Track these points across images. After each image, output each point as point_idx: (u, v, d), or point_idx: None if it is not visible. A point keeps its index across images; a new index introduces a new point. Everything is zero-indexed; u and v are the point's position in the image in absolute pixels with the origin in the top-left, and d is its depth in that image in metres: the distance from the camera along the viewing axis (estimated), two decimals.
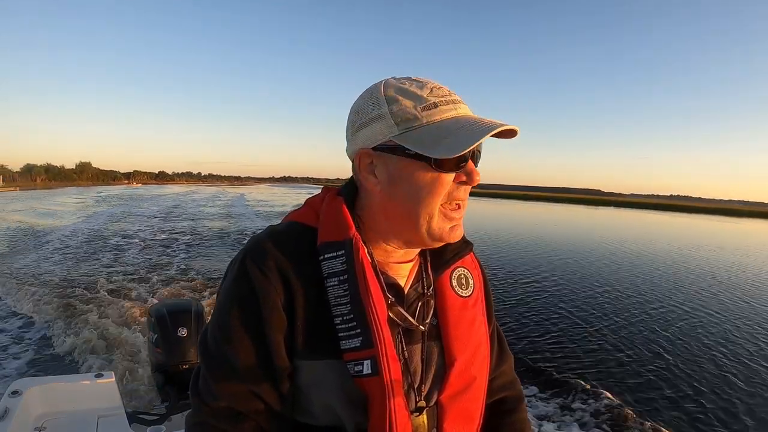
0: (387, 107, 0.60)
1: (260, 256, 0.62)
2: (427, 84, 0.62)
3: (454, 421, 0.67)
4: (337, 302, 0.61)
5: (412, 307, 0.68)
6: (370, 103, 0.63)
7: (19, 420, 1.65)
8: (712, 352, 5.31)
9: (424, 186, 0.60)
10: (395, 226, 0.65)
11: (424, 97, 0.60)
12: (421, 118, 0.59)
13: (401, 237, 0.66)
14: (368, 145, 0.63)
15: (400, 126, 0.60)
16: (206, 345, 0.64)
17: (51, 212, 19.84)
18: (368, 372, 0.59)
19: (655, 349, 5.29)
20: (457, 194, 0.62)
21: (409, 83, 0.62)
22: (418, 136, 0.59)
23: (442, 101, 0.60)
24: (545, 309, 6.63)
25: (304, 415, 0.64)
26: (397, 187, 0.62)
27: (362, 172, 0.64)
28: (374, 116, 0.61)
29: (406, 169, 0.61)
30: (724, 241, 20.39)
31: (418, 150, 0.58)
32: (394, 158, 0.61)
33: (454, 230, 0.64)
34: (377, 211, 0.65)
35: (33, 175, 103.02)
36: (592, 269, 10.07)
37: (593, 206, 60.66)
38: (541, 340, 5.38)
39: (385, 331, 0.60)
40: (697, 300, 7.82)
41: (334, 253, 0.62)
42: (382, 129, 0.61)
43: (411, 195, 0.61)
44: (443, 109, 0.60)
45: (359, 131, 0.64)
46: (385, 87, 0.62)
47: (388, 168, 0.62)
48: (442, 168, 0.59)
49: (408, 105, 0.60)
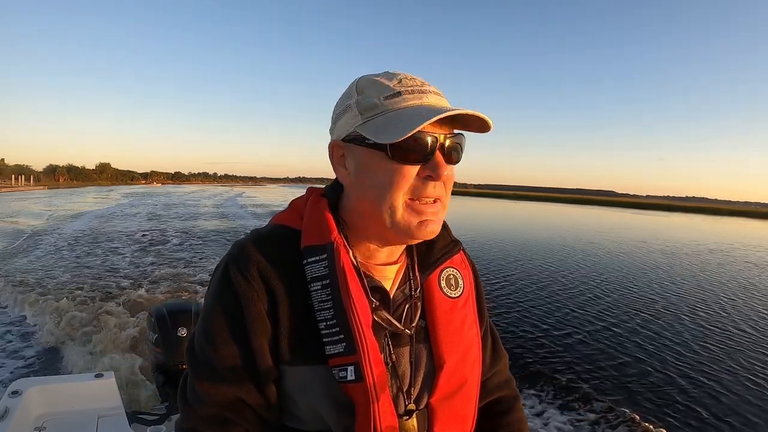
0: (355, 98, 0.61)
1: (243, 262, 0.62)
2: (398, 75, 0.61)
3: (446, 423, 0.67)
4: (320, 307, 0.61)
5: (399, 309, 0.67)
6: (344, 96, 0.64)
7: (19, 420, 1.65)
8: (711, 349, 5.29)
9: (382, 177, 0.59)
10: (366, 221, 0.64)
11: (390, 86, 0.60)
12: (381, 106, 0.59)
13: (375, 233, 0.65)
14: (339, 136, 0.63)
15: (363, 115, 0.60)
16: (193, 351, 0.65)
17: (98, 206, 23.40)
18: (352, 378, 0.59)
19: (656, 348, 5.25)
20: (424, 190, 0.60)
21: (382, 76, 0.62)
22: (374, 125, 0.59)
23: (407, 90, 0.59)
24: (546, 309, 6.60)
25: (292, 420, 0.65)
26: (362, 179, 0.62)
27: (334, 165, 0.65)
28: (344, 108, 0.62)
29: (367, 159, 0.60)
30: (727, 240, 19.95)
31: (370, 137, 0.58)
32: (358, 149, 0.61)
33: (424, 226, 0.61)
34: (353, 208, 0.65)
35: (56, 175, 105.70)
36: (593, 269, 10.01)
37: (605, 207, 59.78)
38: (542, 339, 5.36)
39: (368, 336, 0.60)
40: (699, 298, 7.78)
41: (317, 257, 0.62)
42: (349, 119, 0.61)
43: (372, 186, 0.60)
44: (407, 98, 0.59)
45: (335, 124, 0.65)
46: (359, 80, 0.63)
47: (354, 159, 0.62)
48: (402, 159, 0.58)
49: (372, 94, 0.60)
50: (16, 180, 65.92)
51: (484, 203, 50.99)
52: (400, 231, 0.61)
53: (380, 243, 0.66)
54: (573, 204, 69.23)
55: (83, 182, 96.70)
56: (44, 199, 28.22)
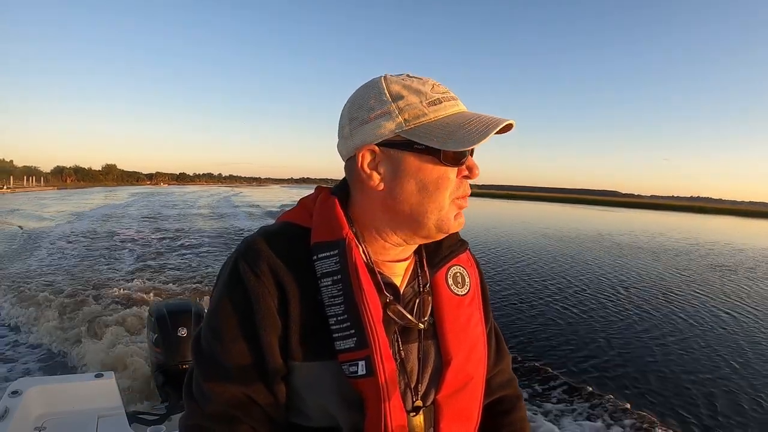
0: (393, 103, 0.61)
1: (253, 258, 0.62)
2: (427, 81, 0.63)
3: (451, 420, 0.68)
4: (331, 303, 0.61)
5: (409, 305, 0.68)
6: (372, 98, 0.63)
7: (19, 420, 1.66)
8: (715, 348, 5.26)
9: (432, 180, 0.61)
10: (399, 222, 0.65)
11: (428, 93, 0.61)
12: (428, 113, 0.61)
13: (403, 232, 0.66)
14: (372, 141, 0.63)
15: (408, 121, 0.61)
16: (200, 348, 0.65)
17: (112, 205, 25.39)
18: (363, 373, 0.59)
19: (656, 348, 5.22)
20: (463, 189, 0.64)
21: (410, 80, 0.63)
22: (427, 131, 0.60)
23: (444, 97, 0.62)
24: (547, 309, 6.58)
25: (299, 417, 0.65)
26: (403, 183, 0.62)
27: (364, 169, 0.64)
28: (380, 112, 0.62)
29: (414, 164, 0.62)
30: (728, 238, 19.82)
31: (430, 144, 0.60)
32: (402, 154, 0.62)
33: (459, 218, 0.65)
34: (377, 208, 0.65)
35: (63, 176, 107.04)
36: (595, 270, 9.95)
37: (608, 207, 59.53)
38: (545, 339, 5.36)
39: (379, 331, 0.60)
40: (705, 296, 7.77)
41: (328, 252, 0.63)
42: (388, 124, 0.61)
43: (419, 190, 0.62)
44: (446, 105, 0.62)
45: (360, 127, 0.63)
46: (388, 83, 0.63)
47: (393, 164, 0.63)
48: (449, 162, 0.61)
49: (414, 101, 0.61)
50: (28, 181, 71.58)
51: (484, 203, 50.82)
52: (442, 228, 0.64)
53: (401, 241, 0.67)
54: (575, 204, 68.99)
55: (90, 183, 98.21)
56: (56, 198, 30.92)
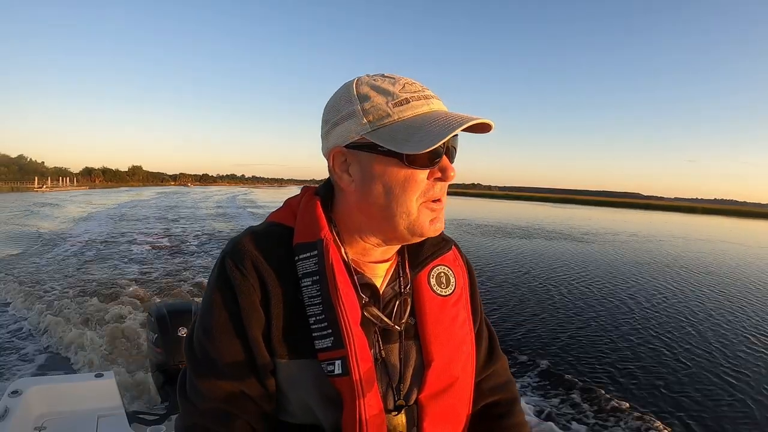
0: (359, 104, 0.61)
1: (238, 256, 0.64)
2: (399, 80, 0.62)
3: (435, 421, 0.68)
4: (310, 303, 0.63)
5: (389, 306, 0.69)
6: (342, 100, 0.63)
7: (19, 420, 1.68)
8: (715, 348, 5.18)
9: (398, 183, 0.61)
10: (374, 224, 0.65)
11: (396, 93, 0.60)
12: (393, 114, 0.59)
13: (380, 234, 0.66)
14: (341, 143, 0.63)
15: (372, 123, 0.60)
16: (191, 347, 0.67)
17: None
18: (339, 372, 0.60)
19: (656, 348, 5.13)
20: (433, 191, 0.62)
21: (382, 80, 0.62)
22: (389, 133, 0.59)
23: (413, 97, 0.60)
24: (548, 309, 6.49)
25: (283, 414, 0.67)
26: (371, 185, 0.62)
27: (336, 171, 0.65)
28: (346, 114, 0.62)
29: (379, 166, 0.61)
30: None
31: (389, 146, 0.59)
32: (367, 156, 0.62)
33: (434, 223, 0.64)
34: (354, 210, 0.66)
35: (92, 176, 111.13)
36: (599, 271, 9.78)
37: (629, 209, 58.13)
38: (548, 340, 5.17)
39: (355, 331, 0.61)
40: (703, 294, 7.76)
41: (308, 253, 0.64)
42: (354, 126, 0.61)
43: (386, 192, 0.62)
44: (415, 105, 0.60)
45: (332, 129, 0.64)
46: (358, 84, 0.63)
47: (361, 166, 0.63)
48: (415, 164, 0.60)
49: (380, 102, 0.60)
50: (62, 181, 78.55)
51: (504, 205, 50.27)
52: (415, 232, 0.63)
53: (380, 242, 0.67)
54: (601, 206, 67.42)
55: (117, 183, 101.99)
56: (94, 195, 37.73)
